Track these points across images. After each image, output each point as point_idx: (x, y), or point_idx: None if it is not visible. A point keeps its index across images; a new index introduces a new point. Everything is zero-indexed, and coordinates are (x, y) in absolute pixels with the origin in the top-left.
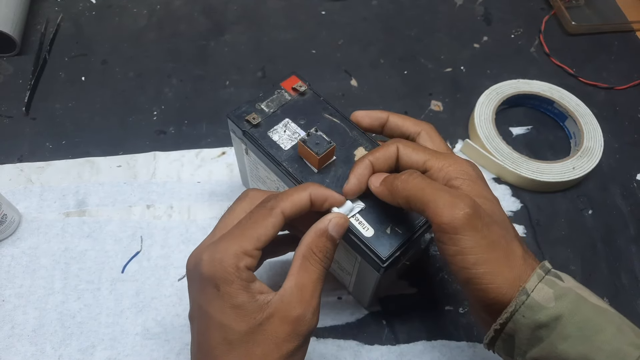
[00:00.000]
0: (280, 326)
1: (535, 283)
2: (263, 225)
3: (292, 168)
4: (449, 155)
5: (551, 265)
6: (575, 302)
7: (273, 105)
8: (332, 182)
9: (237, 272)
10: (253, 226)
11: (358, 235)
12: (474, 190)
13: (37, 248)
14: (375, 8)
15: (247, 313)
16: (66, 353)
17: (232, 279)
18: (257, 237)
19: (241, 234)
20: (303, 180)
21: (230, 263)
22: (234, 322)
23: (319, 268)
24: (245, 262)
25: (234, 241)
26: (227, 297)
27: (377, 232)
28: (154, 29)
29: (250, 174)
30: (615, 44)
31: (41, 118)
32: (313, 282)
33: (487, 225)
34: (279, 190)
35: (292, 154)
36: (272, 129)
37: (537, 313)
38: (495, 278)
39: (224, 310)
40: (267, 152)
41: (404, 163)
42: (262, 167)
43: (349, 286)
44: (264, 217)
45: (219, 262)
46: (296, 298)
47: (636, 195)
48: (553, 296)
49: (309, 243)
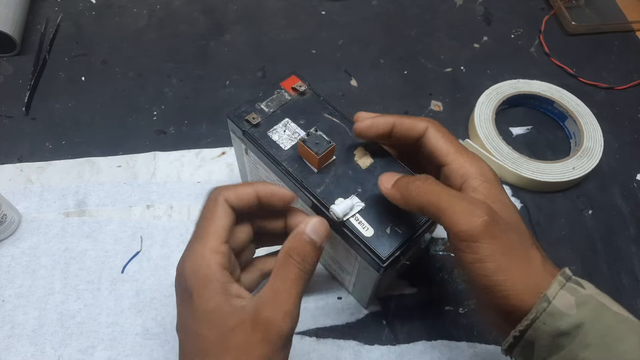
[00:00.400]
0: (250, 332)
1: (556, 290)
2: (214, 217)
3: (291, 168)
4: (470, 154)
5: (572, 272)
6: (597, 310)
7: (273, 105)
8: (331, 181)
9: (209, 273)
10: (206, 223)
11: (358, 235)
12: (491, 194)
13: (37, 248)
14: (375, 8)
15: (219, 318)
16: (66, 353)
17: (204, 283)
18: (214, 231)
19: (200, 235)
20: (303, 180)
21: (201, 265)
22: (206, 330)
23: (294, 272)
24: (215, 260)
25: (197, 243)
26: (198, 302)
27: (377, 232)
28: (154, 29)
29: (251, 174)
30: (615, 44)
31: (41, 118)
32: (287, 286)
33: (505, 232)
34: None
35: (292, 153)
36: (272, 129)
37: (559, 320)
38: (515, 285)
39: (197, 318)
40: (266, 152)
41: (429, 145)
42: (262, 166)
43: (348, 286)
44: (211, 210)
45: (189, 268)
46: (267, 302)
47: (636, 195)
48: (574, 303)
49: (286, 246)
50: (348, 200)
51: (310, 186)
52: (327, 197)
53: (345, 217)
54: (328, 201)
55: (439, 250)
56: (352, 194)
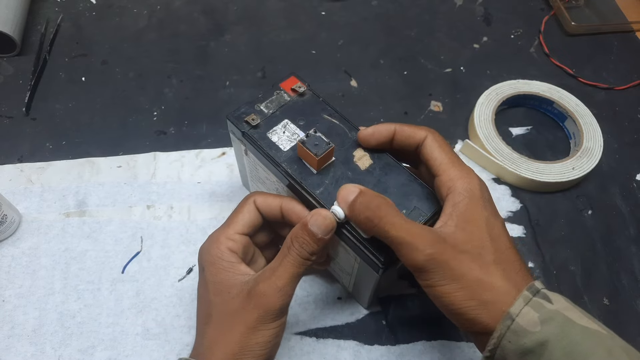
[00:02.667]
0: (246, 299)
1: (520, 307)
2: (240, 212)
3: (291, 169)
4: (462, 167)
5: (542, 285)
6: (562, 326)
7: (272, 106)
8: (331, 183)
9: (218, 253)
10: (233, 215)
11: (357, 236)
12: (467, 212)
13: (37, 248)
14: (375, 8)
15: (224, 288)
16: (66, 353)
17: (214, 260)
18: (236, 222)
19: (225, 224)
20: (302, 182)
21: (213, 247)
22: (212, 295)
23: (293, 256)
24: (226, 245)
25: (220, 230)
26: (208, 275)
27: None
28: (154, 29)
29: (250, 174)
30: (615, 44)
31: (41, 118)
32: (285, 267)
33: (454, 256)
34: (279, 191)
35: (291, 155)
36: (271, 130)
37: (523, 338)
38: (467, 302)
39: (207, 287)
40: (266, 153)
41: (425, 154)
42: (261, 167)
43: (348, 286)
44: (240, 206)
45: (205, 248)
46: (264, 277)
47: (636, 195)
48: (538, 320)
49: (291, 233)
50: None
51: (310, 187)
52: (327, 198)
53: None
54: (328, 202)
55: None
56: None
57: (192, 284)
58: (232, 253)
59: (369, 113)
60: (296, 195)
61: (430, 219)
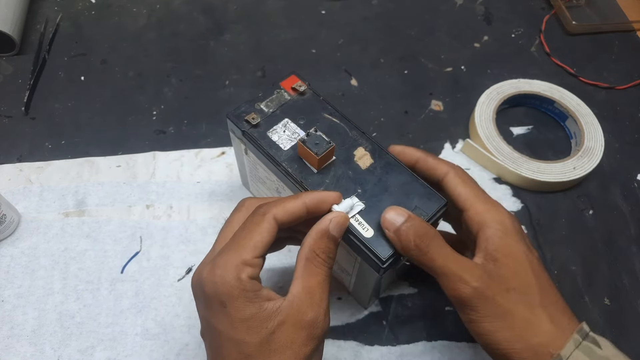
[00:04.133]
0: (294, 332)
1: (571, 350)
2: (257, 232)
3: (291, 168)
4: (489, 201)
5: (589, 328)
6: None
7: (272, 105)
8: (331, 182)
9: (240, 284)
10: (248, 235)
11: (358, 236)
12: (503, 245)
13: (37, 248)
14: (375, 8)
15: (258, 324)
16: (65, 353)
17: (236, 293)
18: (254, 245)
19: (238, 245)
20: (302, 181)
21: (232, 277)
22: (246, 335)
23: (323, 269)
24: (246, 273)
25: (232, 253)
26: (234, 312)
27: (377, 233)
28: (154, 28)
29: (250, 174)
30: (615, 44)
31: (40, 118)
32: (320, 284)
33: (501, 293)
34: (279, 190)
35: (292, 154)
36: (272, 129)
37: None
38: (514, 344)
39: (234, 325)
40: (266, 153)
41: (448, 190)
42: (261, 167)
43: (349, 286)
44: (257, 224)
45: (220, 277)
46: (306, 302)
47: (637, 195)
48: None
49: (312, 245)
50: (348, 199)
51: (310, 187)
52: None
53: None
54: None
55: None
56: (352, 195)
57: None
58: (252, 281)
59: (369, 112)
60: (296, 191)
61: (432, 218)
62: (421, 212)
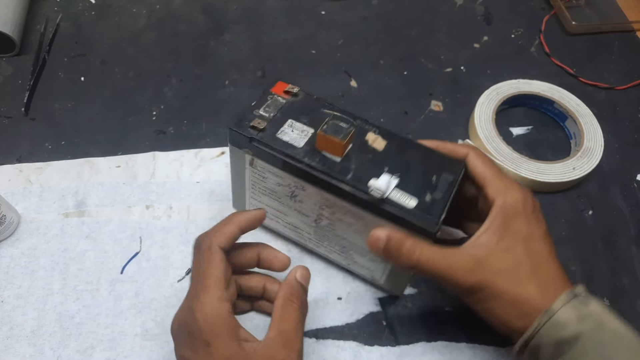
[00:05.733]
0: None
1: (560, 305)
2: (211, 267)
3: (314, 162)
4: (506, 181)
5: (583, 289)
6: (596, 326)
7: (271, 110)
8: (357, 167)
9: (223, 322)
10: (207, 273)
11: (403, 208)
12: (503, 226)
13: (36, 249)
14: (375, 8)
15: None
16: (65, 354)
17: (220, 331)
18: (216, 280)
19: (205, 285)
20: (329, 172)
21: (214, 315)
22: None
23: (297, 314)
24: (225, 308)
25: (204, 294)
26: (216, 351)
27: (420, 200)
28: (154, 28)
29: (252, 189)
30: (615, 44)
31: (40, 118)
32: (294, 327)
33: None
34: (295, 194)
35: (308, 149)
36: (279, 131)
37: (560, 330)
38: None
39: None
40: (284, 153)
41: (470, 169)
42: (273, 175)
43: (380, 278)
44: (208, 259)
45: (204, 320)
46: (280, 343)
47: (636, 195)
48: (576, 318)
49: (286, 293)
50: (384, 176)
51: (339, 175)
52: (359, 181)
53: (388, 191)
54: (361, 185)
55: None
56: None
57: None
58: (232, 317)
59: (369, 113)
60: (320, 188)
61: (454, 183)
62: (445, 178)
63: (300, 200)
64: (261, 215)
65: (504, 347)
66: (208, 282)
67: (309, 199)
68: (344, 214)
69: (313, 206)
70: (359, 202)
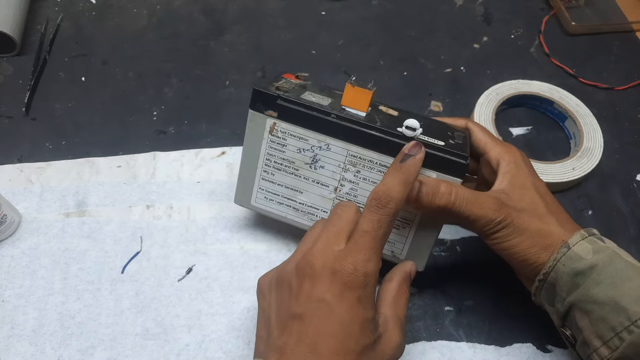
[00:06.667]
0: (384, 350)
1: (577, 240)
2: (385, 232)
3: (343, 114)
4: (504, 144)
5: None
6: (611, 257)
7: (287, 85)
8: (382, 119)
9: (374, 288)
10: (381, 237)
11: (434, 146)
12: (515, 178)
13: (37, 248)
14: (375, 8)
15: (370, 328)
16: (66, 353)
17: (371, 294)
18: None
19: (372, 246)
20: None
21: (373, 280)
22: (360, 333)
23: (406, 306)
24: (376, 278)
25: (370, 253)
26: (362, 309)
27: (445, 141)
28: (154, 29)
29: (267, 165)
30: (615, 44)
31: (41, 118)
32: (403, 317)
33: (516, 214)
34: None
35: (334, 106)
36: (303, 95)
37: (576, 262)
38: (531, 249)
39: (355, 321)
40: (312, 108)
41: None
42: (295, 138)
43: (399, 254)
44: (385, 225)
45: (363, 275)
46: (398, 327)
47: (636, 195)
48: (591, 251)
49: (401, 279)
50: (412, 120)
51: (366, 127)
52: (390, 127)
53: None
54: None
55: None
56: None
57: (192, 284)
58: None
59: None
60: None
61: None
62: (459, 135)
63: (321, 166)
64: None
65: (504, 347)
66: (378, 245)
67: (332, 161)
68: (369, 170)
69: (335, 170)
70: (390, 148)
